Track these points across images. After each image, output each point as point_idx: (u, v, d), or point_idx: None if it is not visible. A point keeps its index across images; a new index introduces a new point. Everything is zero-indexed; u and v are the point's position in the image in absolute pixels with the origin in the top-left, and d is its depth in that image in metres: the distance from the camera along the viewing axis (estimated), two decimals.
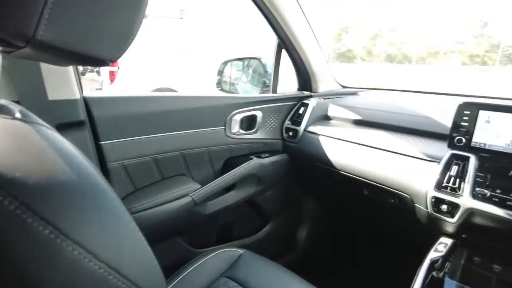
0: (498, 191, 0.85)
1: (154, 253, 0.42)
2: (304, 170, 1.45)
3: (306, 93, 1.47)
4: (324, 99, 1.46)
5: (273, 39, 1.37)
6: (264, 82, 1.50)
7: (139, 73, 5.41)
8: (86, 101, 0.93)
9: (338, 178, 1.23)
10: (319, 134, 1.30)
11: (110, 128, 0.97)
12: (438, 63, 31.15)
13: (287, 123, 1.41)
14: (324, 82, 1.48)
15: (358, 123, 1.31)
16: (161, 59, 5.78)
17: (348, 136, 1.22)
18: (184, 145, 1.14)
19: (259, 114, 1.32)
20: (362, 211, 1.46)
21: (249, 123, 1.31)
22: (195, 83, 6.06)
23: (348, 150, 1.20)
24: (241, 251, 1.03)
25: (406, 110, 1.22)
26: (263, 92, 1.48)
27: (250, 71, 1.93)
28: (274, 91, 1.41)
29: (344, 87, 1.57)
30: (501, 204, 0.83)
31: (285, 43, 1.32)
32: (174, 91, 6.09)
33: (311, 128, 1.35)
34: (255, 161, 1.28)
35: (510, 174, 0.86)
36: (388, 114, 1.24)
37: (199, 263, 0.97)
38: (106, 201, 0.34)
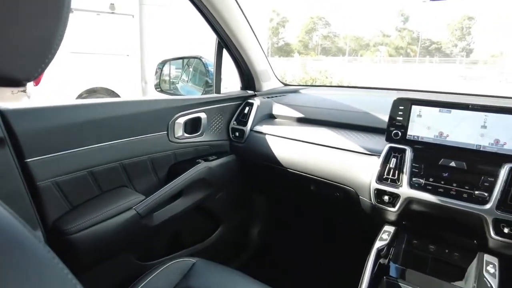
0: (431, 179, 0.92)
1: (101, 272, 0.37)
2: (252, 170, 1.45)
3: (250, 92, 1.47)
4: (268, 97, 1.46)
5: (214, 38, 1.33)
6: (207, 82, 1.46)
7: (68, 72, 4.97)
8: (3, 114, 0.81)
9: (286, 176, 1.25)
10: (265, 134, 1.31)
11: (36, 143, 0.85)
12: (369, 54, 33.38)
13: (233, 123, 1.39)
14: (267, 81, 1.49)
15: (301, 121, 1.34)
16: (94, 56, 5.39)
17: (292, 134, 1.24)
18: (124, 155, 1.06)
19: (203, 115, 1.27)
20: (311, 206, 1.50)
21: (193, 125, 1.26)
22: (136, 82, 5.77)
23: (294, 148, 1.22)
24: (193, 260, 0.99)
25: (346, 106, 1.27)
26: (207, 92, 1.44)
27: (191, 70, 1.86)
28: (218, 91, 1.38)
29: (285, 84, 1.60)
30: (434, 191, 0.91)
31: (225, 42, 1.29)
32: (111, 91, 5.74)
33: (257, 128, 1.34)
34: (202, 165, 1.24)
35: (440, 163, 0.93)
36: (329, 111, 1.29)
37: (150, 277, 0.92)
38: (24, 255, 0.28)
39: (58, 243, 0.87)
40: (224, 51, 1.35)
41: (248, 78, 1.45)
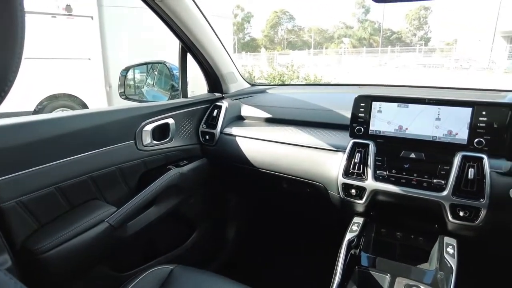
0: (393, 171, 0.98)
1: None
2: (225, 172, 1.46)
3: (218, 95, 1.47)
4: (236, 99, 1.48)
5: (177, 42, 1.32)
6: (173, 86, 1.45)
7: (25, 79, 4.71)
8: None
9: (258, 176, 1.27)
10: (235, 135, 1.32)
11: None
12: (333, 47, 34.08)
13: (203, 127, 1.39)
14: (234, 83, 1.50)
15: (270, 121, 1.36)
16: (54, 61, 5.15)
17: (262, 134, 1.27)
18: (92, 167, 1.03)
19: (171, 121, 1.27)
20: (285, 204, 1.54)
21: (162, 132, 1.25)
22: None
23: (264, 148, 1.25)
24: (171, 266, 0.99)
25: (311, 105, 1.31)
26: (173, 96, 1.43)
27: (157, 74, 1.84)
28: (185, 95, 1.37)
29: (253, 85, 1.62)
30: (396, 182, 0.97)
31: (189, 47, 1.29)
32: (74, 96, 5.51)
33: (226, 130, 1.35)
34: (174, 171, 1.23)
35: (401, 155, 0.99)
36: (295, 110, 1.33)
37: None
38: None
39: (29, 264, 0.85)
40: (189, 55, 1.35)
41: (214, 81, 1.45)
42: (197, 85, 1.58)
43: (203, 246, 1.53)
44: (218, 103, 1.41)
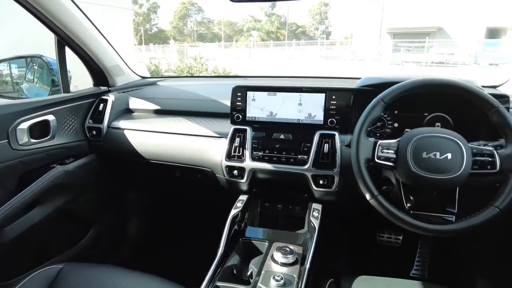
0: (267, 151, 1.12)
1: None
2: (117, 166, 1.45)
3: (103, 88, 1.44)
4: (124, 92, 1.47)
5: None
6: (53, 81, 1.37)
7: None
8: None
9: (151, 167, 1.31)
10: (123, 129, 1.32)
11: None
12: (243, 40, 34.76)
13: (88, 122, 1.35)
14: (120, 75, 1.48)
15: (159, 112, 1.40)
16: None
17: (151, 126, 1.30)
18: None
19: (51, 118, 1.20)
20: (181, 191, 1.59)
21: (41, 129, 1.18)
22: None
23: (153, 139, 1.28)
24: (60, 265, 0.97)
25: (198, 96, 1.39)
26: (54, 92, 1.35)
27: (37, 69, 1.70)
28: (66, 90, 1.30)
29: (143, 77, 1.62)
30: (270, 160, 1.10)
31: (65, 41, 1.23)
32: None
33: (114, 124, 1.35)
34: (57, 170, 1.19)
35: (273, 137, 1.14)
36: (184, 101, 1.39)
37: None
38: None
39: None
40: None
41: (99, 75, 1.42)
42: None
43: (102, 243, 1.50)
44: (104, 97, 1.38)
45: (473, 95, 0.84)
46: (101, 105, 1.36)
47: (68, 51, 1.29)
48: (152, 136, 1.28)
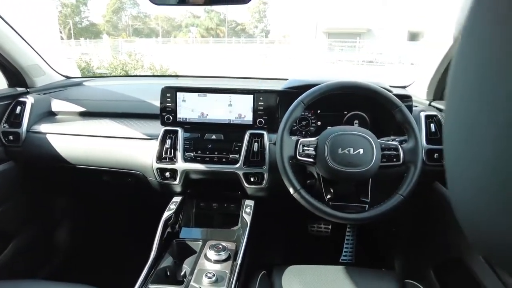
0: (199, 152, 1.13)
1: None
2: (39, 173, 1.35)
3: (21, 89, 1.33)
4: (45, 93, 1.37)
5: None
6: None
7: None
8: None
9: (77, 173, 1.24)
10: (45, 133, 1.24)
11: None
12: (182, 36, 33.96)
13: (4, 126, 1.24)
14: (41, 76, 1.38)
15: (84, 114, 1.33)
16: None
17: (75, 130, 1.24)
18: None
19: None
20: (112, 196, 1.54)
21: None
22: None
23: (78, 143, 1.22)
24: None
25: (127, 97, 1.35)
26: None
27: None
28: None
29: (68, 77, 1.52)
30: (202, 161, 1.12)
31: None
32: None
33: (35, 128, 1.25)
34: None
35: (204, 137, 1.15)
36: (111, 102, 1.34)
37: None
38: None
39: None
40: None
41: (14, 75, 1.31)
42: None
43: (26, 255, 1.39)
44: (21, 99, 1.28)
45: (380, 96, 0.95)
46: (19, 107, 1.25)
47: None
48: (77, 140, 1.22)
